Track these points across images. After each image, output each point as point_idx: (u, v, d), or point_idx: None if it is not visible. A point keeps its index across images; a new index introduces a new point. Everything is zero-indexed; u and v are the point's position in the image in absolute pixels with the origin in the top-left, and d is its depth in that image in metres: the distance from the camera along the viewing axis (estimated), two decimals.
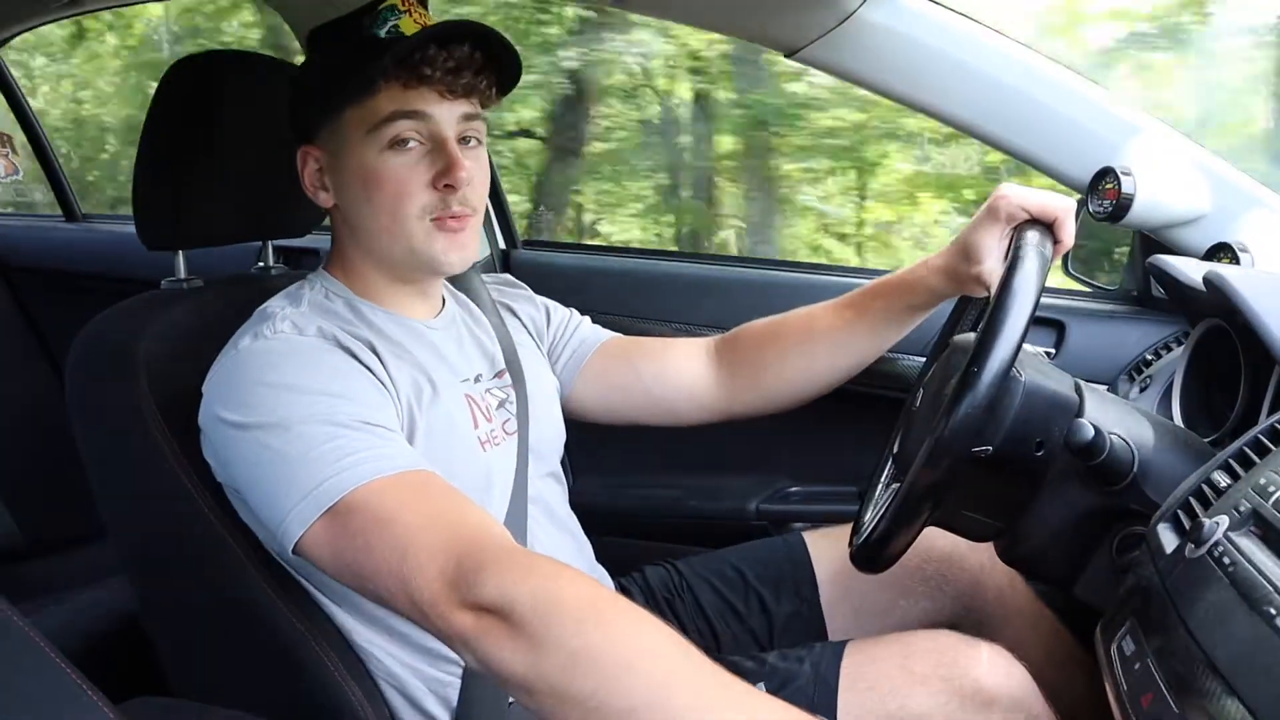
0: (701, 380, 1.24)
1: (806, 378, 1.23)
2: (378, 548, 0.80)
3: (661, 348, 1.26)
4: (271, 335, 0.91)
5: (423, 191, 0.97)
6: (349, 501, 0.82)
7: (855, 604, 1.23)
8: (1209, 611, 0.66)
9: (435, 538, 0.79)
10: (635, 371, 1.24)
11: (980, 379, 0.81)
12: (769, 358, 1.23)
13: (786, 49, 1.30)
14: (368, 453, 0.84)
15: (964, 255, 1.09)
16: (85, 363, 1.01)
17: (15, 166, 2.34)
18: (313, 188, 1.02)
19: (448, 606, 0.77)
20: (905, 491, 0.86)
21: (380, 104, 0.95)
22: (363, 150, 0.96)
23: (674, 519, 1.72)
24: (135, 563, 1.05)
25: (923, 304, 1.17)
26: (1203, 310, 1.14)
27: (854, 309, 1.19)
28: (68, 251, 2.27)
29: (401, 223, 0.97)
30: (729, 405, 1.26)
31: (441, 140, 0.97)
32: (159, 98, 1.08)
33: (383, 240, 0.99)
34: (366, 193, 0.97)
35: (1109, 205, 1.26)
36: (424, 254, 0.99)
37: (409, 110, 0.95)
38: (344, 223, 1.03)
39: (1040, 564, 0.95)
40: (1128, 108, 1.31)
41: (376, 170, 0.96)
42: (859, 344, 1.20)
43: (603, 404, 1.26)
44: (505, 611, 0.74)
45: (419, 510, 0.81)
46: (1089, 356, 1.43)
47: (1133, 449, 0.88)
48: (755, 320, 1.27)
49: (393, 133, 0.95)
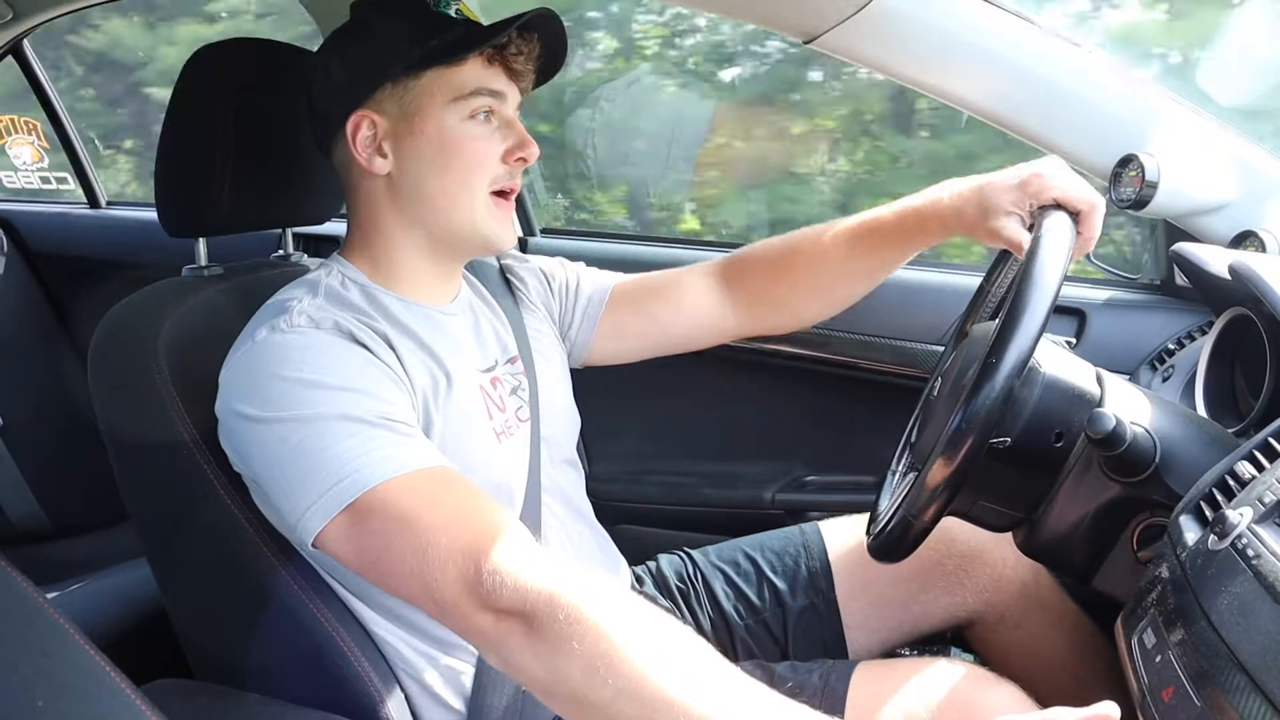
0: (716, 309, 1.24)
1: (824, 301, 1.24)
2: (398, 548, 0.81)
3: (672, 283, 1.25)
4: (288, 329, 0.90)
5: (495, 164, 1.01)
6: (369, 499, 0.82)
7: (873, 596, 1.22)
8: (1232, 604, 0.65)
9: (455, 539, 0.79)
10: (650, 316, 1.24)
11: (998, 371, 0.80)
12: (785, 286, 1.23)
13: (804, 35, 1.28)
14: (388, 449, 0.84)
15: (976, 204, 1.06)
16: (107, 349, 1.02)
17: (42, 154, 2.37)
18: (366, 153, 0.99)
19: (469, 609, 0.77)
20: (922, 481, 0.85)
21: (465, 75, 0.98)
22: (443, 116, 0.98)
23: (690, 507, 1.72)
24: (155, 547, 1.06)
25: (936, 235, 1.13)
26: (1228, 299, 1.13)
27: (870, 236, 1.17)
28: (91, 238, 2.30)
29: (471, 191, 1.00)
30: (746, 328, 1.26)
31: (510, 119, 1.02)
32: (181, 85, 1.08)
33: (445, 209, 1.00)
34: (443, 158, 0.99)
35: (1132, 193, 1.25)
36: (484, 228, 1.02)
37: (494, 88, 1.00)
38: (393, 194, 1.01)
39: (1059, 555, 0.94)
40: (1153, 92, 1.29)
41: (457, 137, 0.98)
42: (873, 270, 1.20)
43: (620, 349, 1.26)
44: (525, 616, 0.75)
45: (439, 509, 0.82)
46: (1110, 346, 1.41)
47: (1154, 439, 0.87)
48: (759, 243, 1.26)
49: (478, 104, 0.99)
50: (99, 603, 1.53)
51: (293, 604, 0.95)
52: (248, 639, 1.00)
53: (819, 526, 1.29)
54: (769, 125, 2.63)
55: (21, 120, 2.37)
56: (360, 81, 0.99)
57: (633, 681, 0.71)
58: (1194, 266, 1.15)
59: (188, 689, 1.02)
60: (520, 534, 0.82)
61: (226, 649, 1.03)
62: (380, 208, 1.02)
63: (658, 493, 1.74)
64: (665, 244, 1.87)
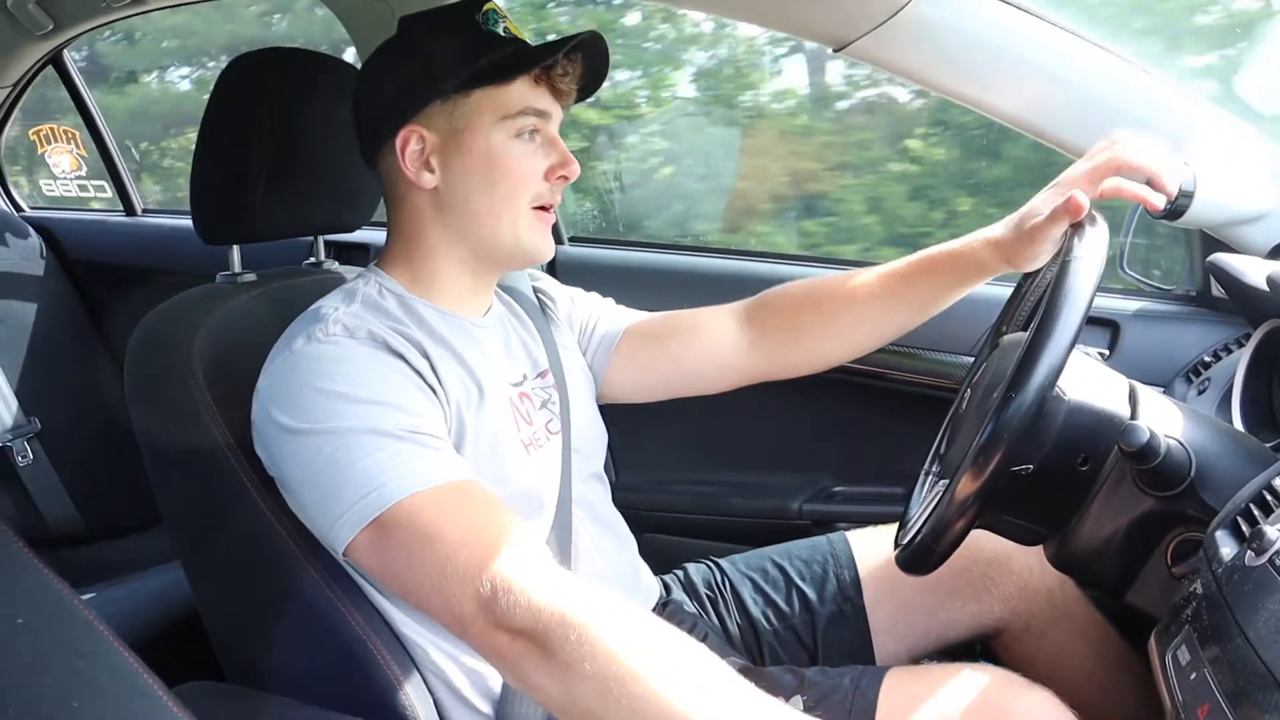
0: (733, 348, 1.23)
1: (845, 345, 1.21)
2: (419, 564, 0.83)
3: (690, 321, 1.24)
4: (324, 338, 0.92)
5: (538, 181, 1.02)
6: (393, 514, 0.84)
7: (899, 603, 1.21)
8: (1270, 622, 0.64)
9: (473, 556, 0.80)
10: (665, 349, 1.23)
11: (1029, 383, 0.79)
12: (806, 325, 1.21)
13: (835, 43, 1.28)
14: (414, 464, 0.86)
15: (1014, 224, 1.04)
16: (143, 354, 1.03)
17: (81, 163, 2.42)
18: (414, 168, 1.01)
19: (484, 627, 0.79)
20: (951, 494, 0.85)
21: (513, 95, 1.00)
22: (491, 133, 1.00)
23: (717, 517, 1.71)
24: (189, 551, 1.07)
25: (970, 278, 1.12)
26: (1266, 311, 1.11)
27: (898, 279, 1.16)
28: (127, 245, 2.33)
29: (514, 207, 1.02)
30: (764, 370, 1.24)
31: (553, 137, 1.04)
32: (216, 94, 1.10)
33: (489, 224, 1.02)
34: (491, 175, 1.01)
35: (1167, 203, 1.23)
36: (526, 241, 1.04)
37: (540, 108, 1.02)
38: (438, 207, 1.03)
39: (1091, 569, 0.93)
40: (1190, 100, 1.28)
41: (504, 155, 1.00)
42: (900, 315, 1.18)
43: (635, 385, 1.26)
44: (539, 637, 0.76)
45: (459, 525, 0.83)
46: (1144, 358, 1.39)
47: (1189, 453, 0.86)
48: (788, 283, 1.24)
49: (523, 124, 1.01)
50: (133, 605, 1.55)
51: (324, 607, 0.96)
52: (279, 642, 1.01)
53: (846, 536, 1.29)
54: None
55: (61, 129, 2.41)
56: (411, 97, 1.00)
57: (646, 701, 0.72)
58: (1231, 278, 1.13)
59: (218, 691, 1.03)
60: (538, 551, 0.82)
61: (258, 651, 1.04)
62: (424, 219, 1.04)
63: (685, 502, 1.74)
64: (694, 252, 1.87)
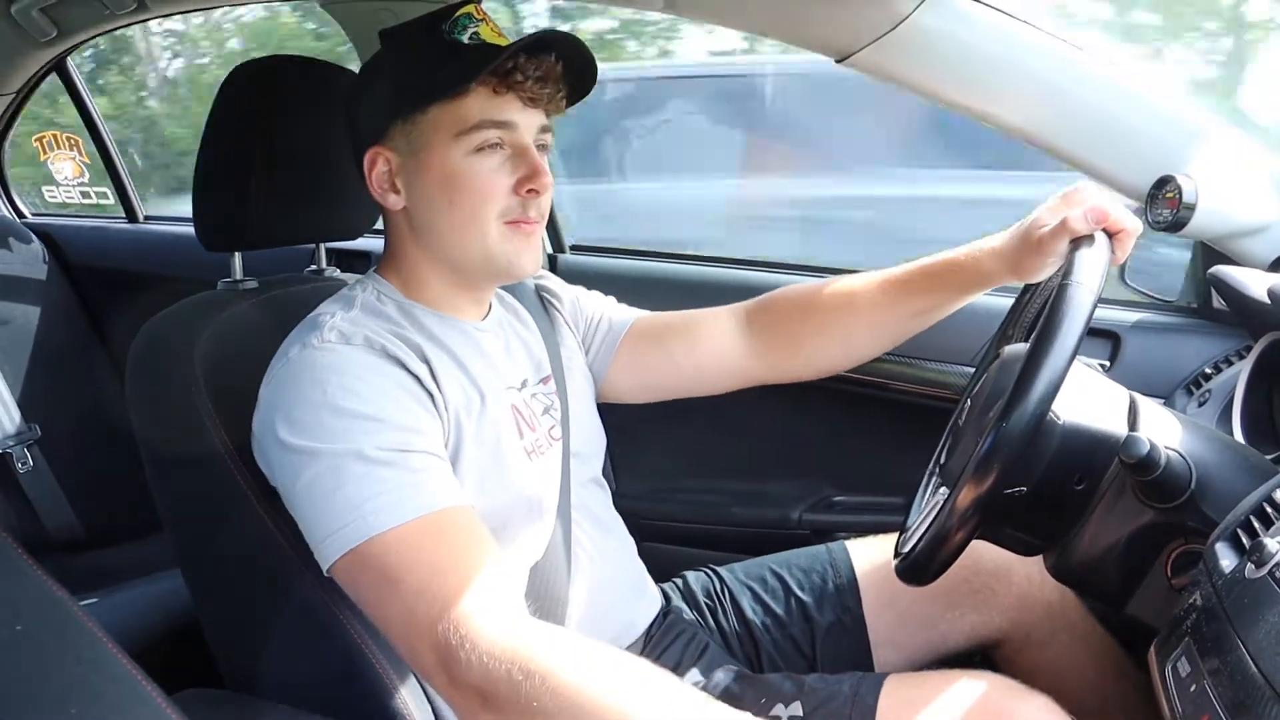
0: (734, 350, 1.22)
1: (844, 349, 1.21)
2: (386, 604, 0.85)
3: (692, 322, 1.24)
4: (319, 346, 0.91)
5: (505, 196, 0.98)
6: (366, 549, 0.84)
7: (899, 614, 1.21)
8: (1270, 634, 0.64)
9: (432, 606, 0.81)
10: (666, 351, 1.23)
11: (1029, 395, 0.79)
12: (807, 329, 1.20)
13: (838, 54, 1.28)
14: (395, 494, 0.85)
15: (1019, 235, 1.04)
16: (144, 361, 1.03)
17: (83, 169, 2.42)
18: (380, 189, 1.00)
19: (443, 683, 0.82)
20: (951, 504, 0.85)
21: (469, 109, 0.95)
22: (447, 152, 0.96)
23: (716, 526, 1.71)
24: (188, 557, 1.07)
25: (972, 287, 1.13)
26: (1267, 324, 1.11)
27: (899, 287, 1.16)
28: (128, 252, 2.34)
29: (480, 224, 0.98)
30: (762, 373, 1.24)
31: (523, 148, 0.98)
32: (219, 101, 1.10)
33: (456, 243, 1.00)
34: (448, 195, 0.97)
35: (1169, 214, 1.23)
36: (499, 257, 0.99)
37: (499, 120, 0.96)
38: (410, 226, 1.02)
39: (1091, 580, 0.93)
40: (1191, 112, 1.28)
41: (462, 173, 0.96)
42: (899, 322, 1.18)
43: (635, 386, 1.25)
44: (487, 695, 0.79)
45: (424, 568, 0.83)
46: (1145, 370, 1.39)
47: (1190, 465, 0.86)
48: (789, 286, 1.24)
49: (482, 139, 0.96)
50: (132, 611, 1.55)
51: (323, 615, 0.96)
52: (278, 649, 1.01)
53: (846, 545, 1.29)
54: None
55: (64, 136, 2.42)
56: (376, 118, 0.99)
57: None
58: (1232, 290, 1.13)
59: (216, 699, 1.02)
60: (500, 593, 0.84)
61: (257, 659, 1.04)
62: (403, 236, 1.04)
63: (684, 510, 1.73)
64: (697, 262, 1.87)
